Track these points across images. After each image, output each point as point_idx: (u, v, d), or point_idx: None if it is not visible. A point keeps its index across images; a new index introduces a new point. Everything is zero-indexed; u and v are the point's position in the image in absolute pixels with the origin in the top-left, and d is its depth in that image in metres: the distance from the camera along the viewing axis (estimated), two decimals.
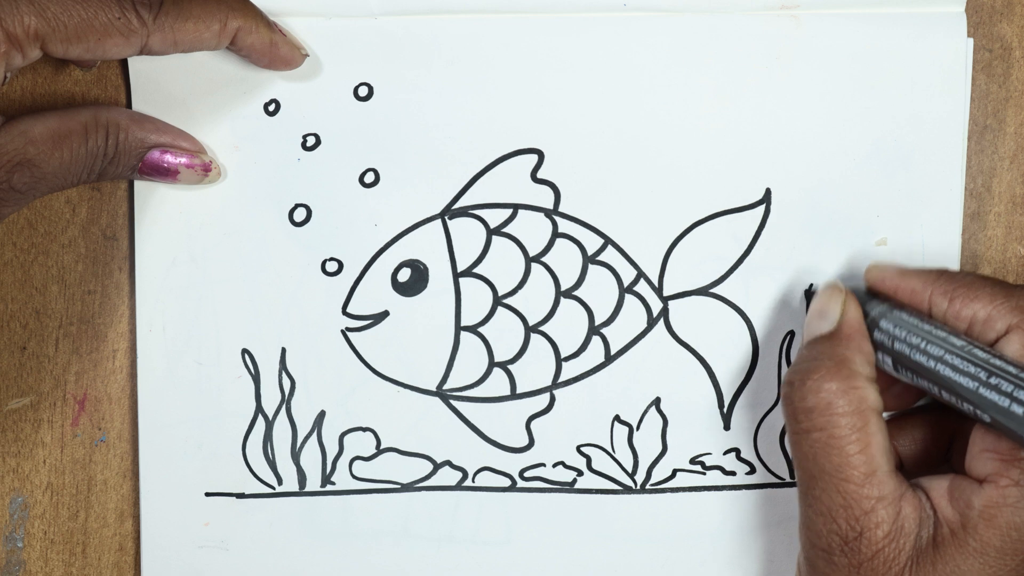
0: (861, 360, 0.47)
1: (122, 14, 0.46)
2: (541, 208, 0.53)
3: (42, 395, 0.54)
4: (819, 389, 0.46)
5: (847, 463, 0.46)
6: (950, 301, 0.48)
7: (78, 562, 0.55)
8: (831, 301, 0.49)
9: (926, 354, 0.47)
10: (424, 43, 0.52)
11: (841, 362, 0.47)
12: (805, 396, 0.47)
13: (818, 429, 0.46)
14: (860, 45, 0.52)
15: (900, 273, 0.50)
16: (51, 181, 0.48)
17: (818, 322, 0.49)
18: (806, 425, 0.46)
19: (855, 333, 0.48)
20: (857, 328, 0.48)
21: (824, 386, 0.46)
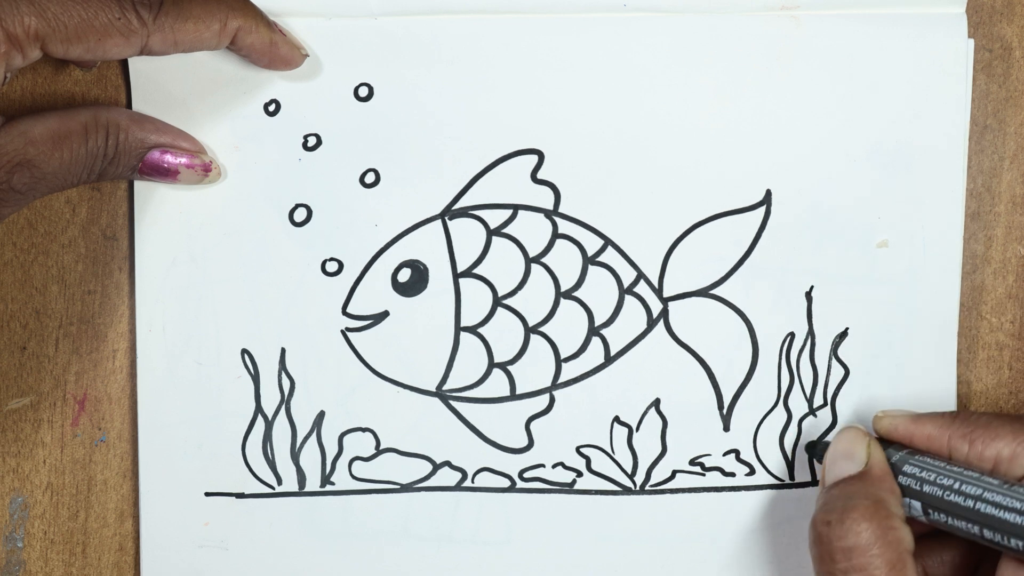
0: (895, 501, 0.47)
1: (122, 14, 0.46)
2: (541, 209, 0.53)
3: (42, 395, 0.55)
4: (859, 529, 0.46)
5: None
6: (971, 444, 0.48)
7: (78, 562, 0.55)
8: (855, 443, 0.49)
9: (962, 494, 0.46)
10: (424, 43, 0.52)
11: (878, 502, 0.46)
12: (844, 536, 0.46)
13: (857, 570, 0.45)
14: (860, 46, 0.52)
15: (913, 420, 0.50)
16: (51, 181, 0.48)
17: (844, 463, 0.49)
18: (844, 566, 0.46)
19: (885, 474, 0.48)
20: (887, 469, 0.48)
21: (863, 526, 0.46)
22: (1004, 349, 0.54)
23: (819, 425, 0.54)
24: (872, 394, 0.54)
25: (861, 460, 0.48)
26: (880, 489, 0.47)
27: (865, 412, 0.54)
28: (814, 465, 0.55)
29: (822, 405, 0.54)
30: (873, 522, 0.46)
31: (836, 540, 0.46)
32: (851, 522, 0.46)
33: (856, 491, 0.47)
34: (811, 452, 0.54)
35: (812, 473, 0.55)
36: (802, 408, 0.54)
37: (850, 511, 0.46)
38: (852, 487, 0.48)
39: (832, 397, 0.54)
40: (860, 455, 0.49)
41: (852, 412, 0.54)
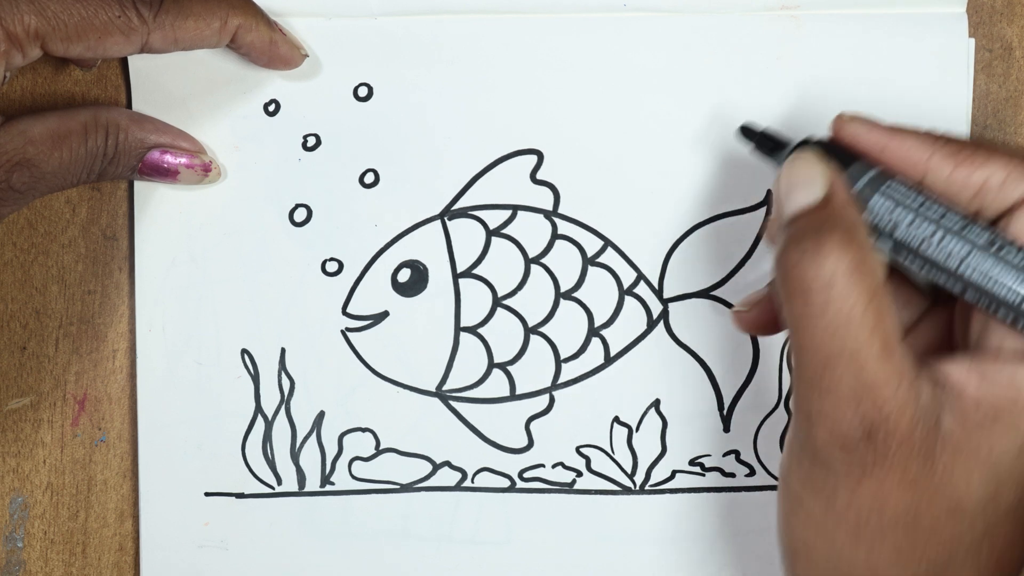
0: (860, 231, 0.42)
1: (122, 12, 0.46)
2: (541, 209, 0.53)
3: (42, 395, 0.55)
4: (835, 259, 0.40)
5: (867, 342, 0.40)
6: (956, 165, 0.43)
7: (78, 562, 0.55)
8: (811, 168, 0.43)
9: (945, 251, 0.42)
10: (424, 43, 0.52)
11: (850, 230, 0.41)
12: (820, 269, 0.40)
13: (833, 306, 0.40)
14: (860, 46, 0.52)
15: (888, 130, 0.44)
16: (50, 181, 0.48)
17: (801, 192, 0.43)
18: (818, 301, 0.41)
19: (846, 204, 0.43)
20: (847, 198, 0.43)
21: (838, 255, 0.40)
22: None
23: None
24: None
25: (820, 186, 0.43)
26: (841, 221, 0.42)
27: None
28: None
29: None
30: (849, 251, 0.40)
31: (810, 275, 0.41)
32: (826, 253, 0.40)
33: (824, 220, 0.42)
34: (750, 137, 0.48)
35: None
36: None
37: (823, 242, 0.41)
38: (815, 217, 0.42)
39: None
40: (818, 180, 0.43)
41: None
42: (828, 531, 0.43)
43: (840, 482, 0.42)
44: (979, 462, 0.41)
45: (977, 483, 0.41)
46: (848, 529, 0.42)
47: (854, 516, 0.42)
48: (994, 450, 0.41)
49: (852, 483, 0.41)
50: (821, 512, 0.43)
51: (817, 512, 0.43)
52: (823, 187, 0.43)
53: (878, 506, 0.41)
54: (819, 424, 0.41)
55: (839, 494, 0.42)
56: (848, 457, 0.41)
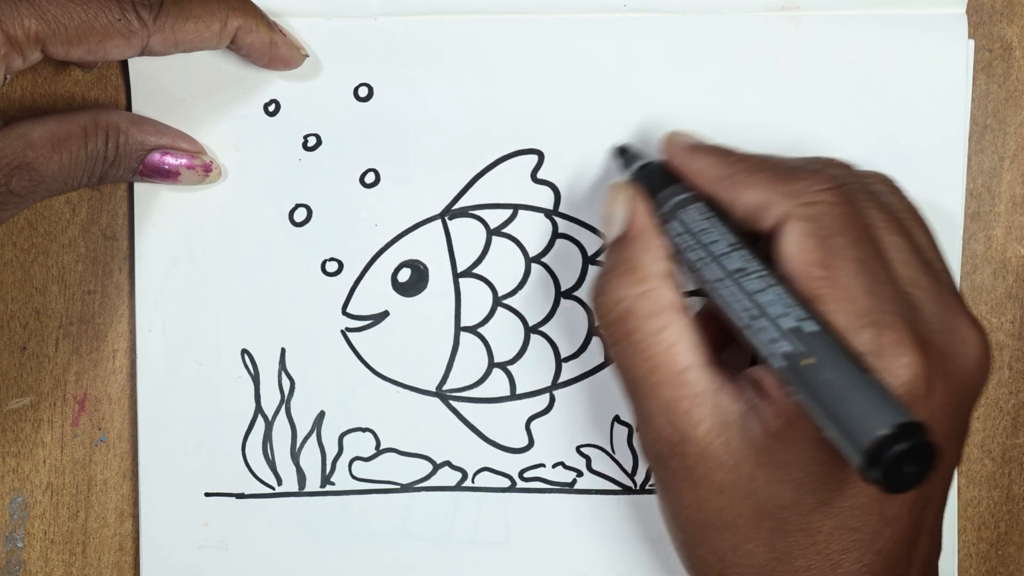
0: (651, 258, 0.45)
1: (122, 15, 0.46)
2: (541, 208, 0.53)
3: (42, 395, 0.55)
4: (617, 297, 0.45)
5: (657, 366, 0.44)
6: (729, 188, 0.45)
7: (78, 562, 0.55)
8: (616, 202, 0.47)
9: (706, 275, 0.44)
10: (424, 43, 0.52)
11: (631, 266, 0.45)
12: (606, 305, 0.45)
13: (624, 337, 0.44)
14: (861, 47, 0.52)
15: (690, 149, 0.47)
16: (50, 185, 0.48)
17: (607, 227, 0.47)
18: (614, 334, 0.45)
19: (641, 232, 0.46)
20: (644, 226, 0.46)
21: (620, 293, 0.45)
22: (1004, 349, 0.54)
23: None
24: None
25: (620, 220, 0.47)
26: (635, 249, 0.46)
27: None
28: None
29: None
30: (627, 287, 0.45)
31: (602, 312, 0.45)
32: (608, 292, 0.45)
33: (615, 256, 0.46)
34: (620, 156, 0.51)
35: None
36: None
37: (607, 281, 0.45)
38: (612, 253, 0.46)
39: None
40: (619, 214, 0.47)
41: None
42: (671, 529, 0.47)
43: (668, 489, 0.45)
44: (775, 468, 0.42)
45: (778, 488, 0.43)
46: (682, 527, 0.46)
47: (683, 517, 0.45)
48: (788, 457, 0.42)
49: (676, 490, 0.45)
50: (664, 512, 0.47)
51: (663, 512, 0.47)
52: (623, 220, 0.47)
53: (699, 511, 0.44)
54: (640, 440, 0.46)
55: (671, 499, 0.45)
56: (665, 468, 0.45)
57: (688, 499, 0.44)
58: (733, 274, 0.43)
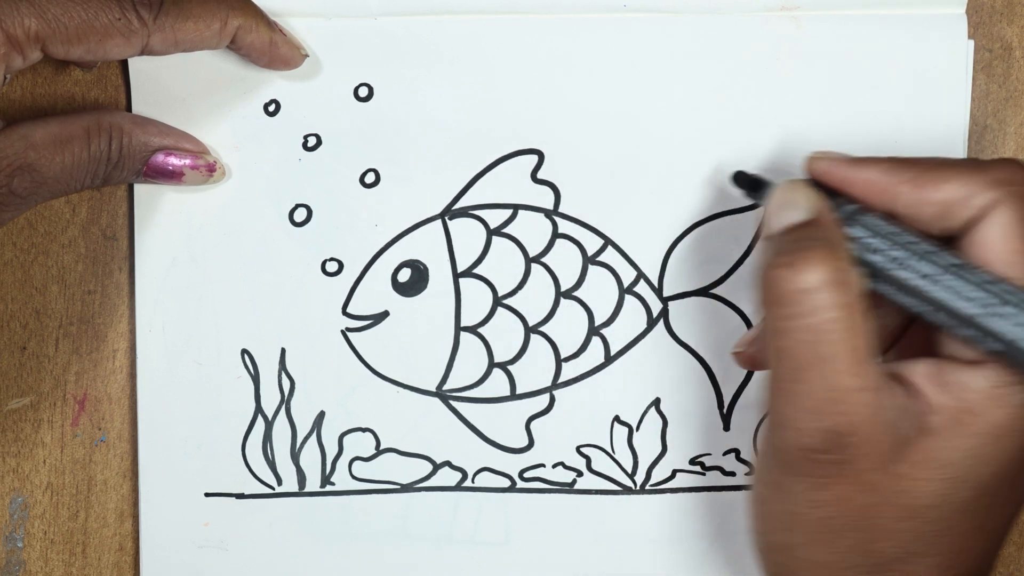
0: (846, 248, 0.44)
1: (122, 15, 0.46)
2: (541, 208, 0.53)
3: (42, 395, 0.55)
4: (814, 271, 0.42)
5: (838, 353, 0.42)
6: (917, 188, 0.44)
7: (78, 562, 0.55)
8: (798, 192, 0.46)
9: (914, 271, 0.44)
10: (424, 43, 0.52)
11: (831, 245, 0.43)
12: (800, 278, 0.42)
13: (810, 315, 0.42)
14: (860, 46, 0.52)
15: (851, 162, 0.46)
16: (53, 186, 0.48)
17: (788, 212, 0.45)
18: (797, 311, 0.42)
19: (831, 221, 0.45)
20: (831, 218, 0.45)
21: (818, 268, 0.42)
22: None
23: None
24: None
25: (806, 207, 0.45)
26: (832, 232, 0.44)
27: None
28: None
29: None
30: (828, 264, 0.42)
31: (789, 284, 0.42)
32: (807, 264, 0.42)
33: (806, 235, 0.44)
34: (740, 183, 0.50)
35: None
36: None
37: (805, 253, 0.43)
38: (804, 231, 0.44)
39: None
40: (804, 203, 0.45)
41: None
42: (787, 530, 0.45)
43: (803, 485, 0.43)
44: (935, 466, 0.42)
45: (933, 486, 0.43)
46: (807, 530, 0.44)
47: (814, 518, 0.44)
48: (949, 454, 0.42)
49: (814, 487, 0.43)
50: (782, 512, 0.45)
51: (777, 512, 0.45)
52: (809, 208, 0.45)
53: (837, 509, 0.43)
54: (787, 429, 0.43)
55: (801, 497, 0.44)
56: (812, 462, 0.43)
57: (828, 496, 0.43)
58: (951, 268, 0.43)
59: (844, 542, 0.44)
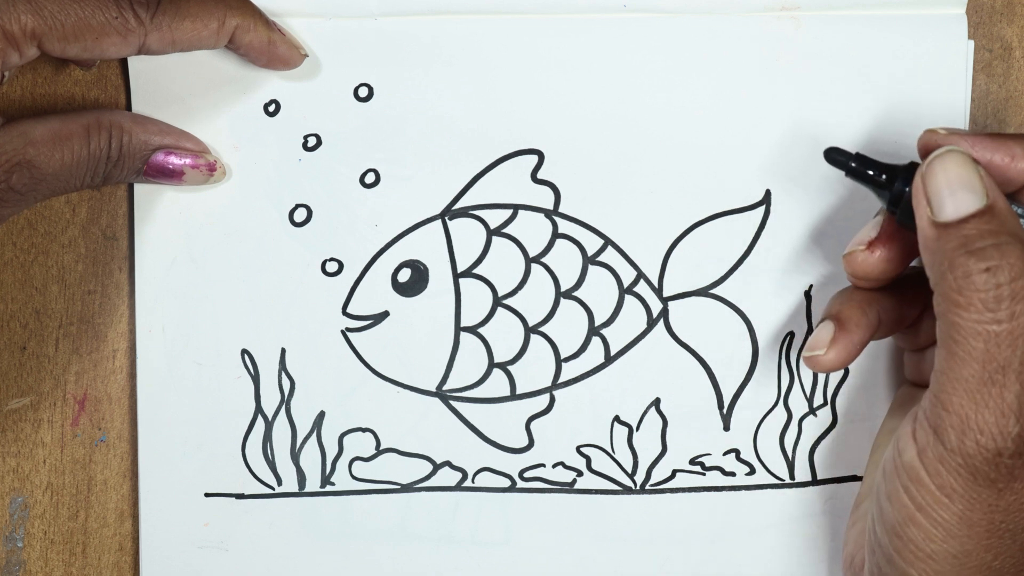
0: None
1: (120, 13, 0.46)
2: (541, 208, 0.53)
3: (42, 395, 0.55)
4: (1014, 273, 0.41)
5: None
6: None
7: (78, 562, 0.55)
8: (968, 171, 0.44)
9: None
10: (424, 43, 0.52)
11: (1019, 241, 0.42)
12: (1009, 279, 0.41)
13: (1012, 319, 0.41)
14: (861, 47, 0.52)
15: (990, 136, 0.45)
16: (52, 183, 0.48)
17: (964, 196, 0.43)
18: (1000, 315, 0.41)
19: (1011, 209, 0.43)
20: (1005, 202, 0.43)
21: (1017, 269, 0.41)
22: None
23: (819, 425, 0.54)
24: (871, 393, 0.54)
25: (981, 191, 0.43)
26: (1016, 225, 0.42)
27: (865, 411, 0.54)
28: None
29: (822, 404, 0.54)
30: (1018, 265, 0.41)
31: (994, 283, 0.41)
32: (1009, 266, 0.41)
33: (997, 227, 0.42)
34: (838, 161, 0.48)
35: (812, 473, 0.55)
36: (802, 407, 0.54)
37: (1003, 251, 0.42)
38: (989, 223, 0.42)
39: (832, 396, 0.54)
40: (978, 184, 0.43)
41: (852, 411, 0.54)
42: (959, 537, 0.44)
43: (983, 491, 0.43)
44: None
45: None
46: (982, 534, 0.43)
47: (989, 522, 0.43)
48: None
49: (995, 492, 0.43)
50: (955, 519, 0.44)
51: (949, 519, 0.44)
52: (984, 193, 0.43)
53: (1013, 511, 0.43)
54: (974, 435, 0.42)
55: (979, 502, 0.43)
56: (998, 468, 0.42)
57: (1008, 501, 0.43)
58: None
59: (1016, 546, 0.44)
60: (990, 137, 0.45)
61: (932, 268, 0.44)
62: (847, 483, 0.55)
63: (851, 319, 0.48)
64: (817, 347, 0.49)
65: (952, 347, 0.43)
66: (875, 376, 0.54)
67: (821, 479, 0.55)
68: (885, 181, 0.47)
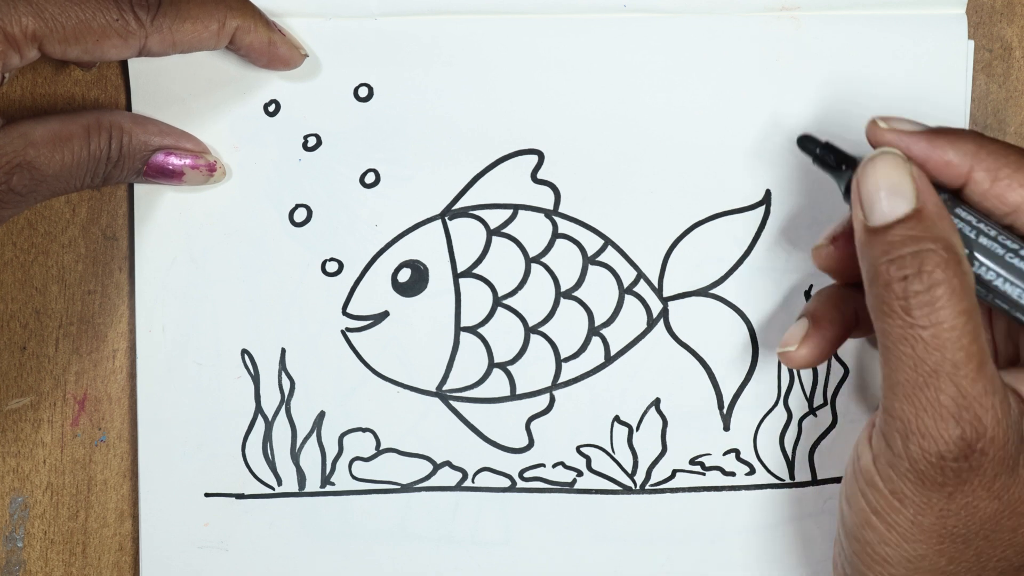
0: (958, 241, 0.43)
1: (120, 15, 0.46)
2: (541, 209, 0.53)
3: (42, 395, 0.55)
4: (939, 279, 0.41)
5: (966, 358, 0.41)
6: (993, 182, 0.43)
7: (78, 562, 0.55)
8: (899, 174, 0.43)
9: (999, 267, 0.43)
10: (424, 43, 0.52)
11: (949, 246, 0.42)
12: (921, 284, 0.41)
13: (938, 323, 0.41)
14: (860, 47, 0.52)
15: (928, 136, 0.44)
16: (52, 184, 0.48)
17: (892, 201, 0.43)
18: (925, 320, 0.41)
19: (943, 210, 0.43)
20: (940, 205, 0.43)
21: (942, 274, 0.41)
22: None
23: (819, 425, 0.54)
24: (872, 393, 0.54)
25: (911, 196, 0.43)
26: (945, 229, 0.42)
27: (865, 411, 0.54)
28: None
29: (822, 404, 0.54)
30: (952, 269, 0.41)
31: (915, 288, 0.41)
32: (930, 268, 0.41)
33: (925, 232, 0.42)
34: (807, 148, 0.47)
35: (812, 473, 0.55)
36: (802, 407, 0.54)
37: (927, 258, 0.41)
38: (917, 227, 0.42)
39: (832, 396, 0.54)
40: (908, 189, 0.43)
41: (852, 411, 0.54)
42: (913, 541, 0.44)
43: (932, 495, 0.43)
44: None
45: None
46: (934, 539, 0.43)
47: (941, 526, 0.43)
48: None
49: (944, 496, 0.43)
50: (907, 523, 0.44)
51: (902, 523, 0.44)
52: (913, 195, 0.43)
53: (965, 517, 0.43)
54: (916, 439, 0.42)
55: (929, 506, 0.43)
56: (945, 471, 0.42)
57: (958, 505, 0.43)
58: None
59: (970, 551, 0.44)
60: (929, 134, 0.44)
61: (863, 273, 0.44)
62: None
63: (825, 316, 0.48)
64: (789, 343, 0.49)
65: (885, 353, 0.43)
66: (875, 376, 0.54)
67: (821, 479, 0.55)
68: (846, 172, 0.46)
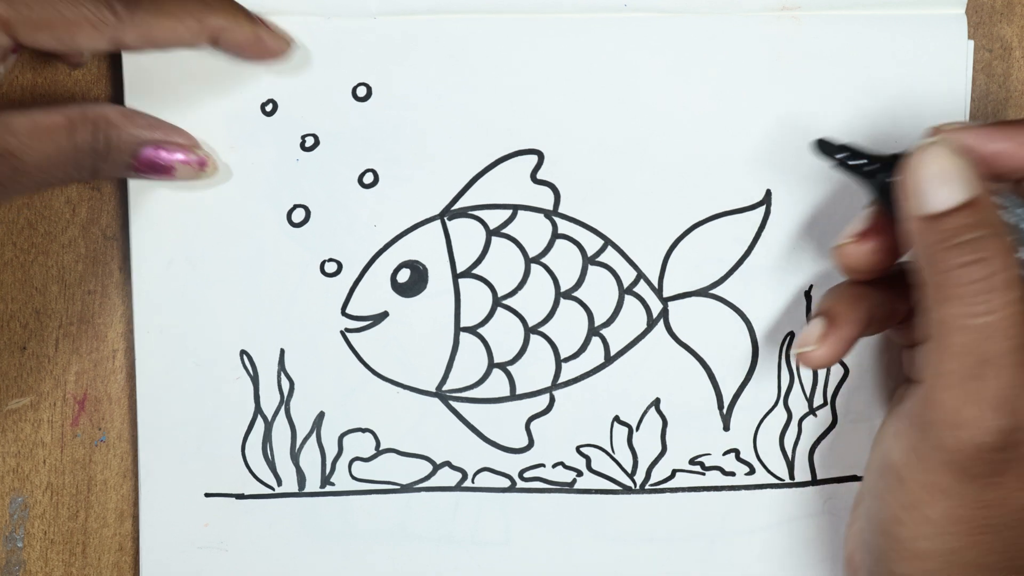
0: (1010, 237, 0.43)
1: (96, 6, 0.46)
2: (541, 209, 0.53)
3: (42, 395, 0.55)
4: (998, 267, 0.41)
5: (1015, 347, 0.41)
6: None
7: (78, 562, 0.55)
8: (955, 164, 0.43)
9: None
10: (423, 43, 0.52)
11: (1002, 234, 0.42)
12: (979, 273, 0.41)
13: (992, 312, 0.41)
14: (861, 47, 0.52)
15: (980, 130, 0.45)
16: (35, 176, 0.47)
17: (949, 188, 0.43)
18: (981, 308, 0.41)
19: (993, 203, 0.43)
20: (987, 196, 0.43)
21: (999, 264, 0.41)
22: None
23: (819, 425, 0.54)
24: (871, 393, 0.54)
25: (964, 184, 0.43)
26: (997, 220, 0.42)
27: (865, 411, 0.54)
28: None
29: (822, 404, 0.54)
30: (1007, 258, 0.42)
31: (972, 277, 0.41)
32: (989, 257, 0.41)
33: (979, 221, 0.42)
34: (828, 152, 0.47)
35: (812, 473, 0.55)
36: (802, 408, 0.54)
37: (985, 246, 0.42)
38: (971, 216, 0.42)
39: (832, 396, 0.54)
40: (961, 177, 0.43)
41: (852, 411, 0.54)
42: (947, 534, 0.44)
43: (968, 486, 0.43)
44: None
45: None
46: (969, 531, 0.43)
47: (976, 518, 0.43)
48: None
49: (980, 487, 0.43)
50: (942, 516, 0.44)
51: (936, 516, 0.44)
52: (967, 186, 0.43)
53: (999, 508, 0.43)
54: (957, 429, 0.42)
55: (965, 497, 0.43)
56: (985, 462, 0.42)
57: (994, 496, 0.43)
58: None
59: (1000, 542, 0.43)
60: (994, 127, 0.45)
61: (918, 262, 0.44)
62: (847, 483, 0.55)
63: (841, 314, 0.48)
64: (807, 343, 0.49)
65: (938, 341, 0.43)
66: (875, 376, 0.54)
67: (821, 479, 0.55)
68: (872, 172, 0.46)
